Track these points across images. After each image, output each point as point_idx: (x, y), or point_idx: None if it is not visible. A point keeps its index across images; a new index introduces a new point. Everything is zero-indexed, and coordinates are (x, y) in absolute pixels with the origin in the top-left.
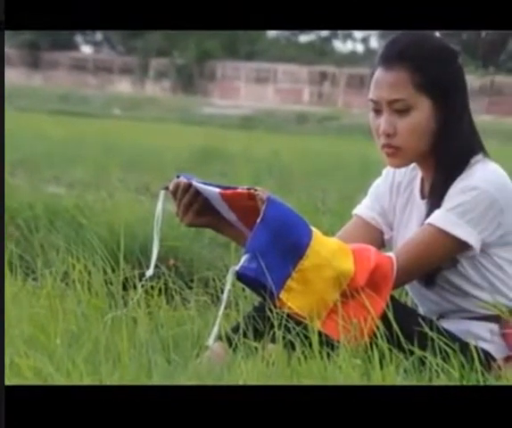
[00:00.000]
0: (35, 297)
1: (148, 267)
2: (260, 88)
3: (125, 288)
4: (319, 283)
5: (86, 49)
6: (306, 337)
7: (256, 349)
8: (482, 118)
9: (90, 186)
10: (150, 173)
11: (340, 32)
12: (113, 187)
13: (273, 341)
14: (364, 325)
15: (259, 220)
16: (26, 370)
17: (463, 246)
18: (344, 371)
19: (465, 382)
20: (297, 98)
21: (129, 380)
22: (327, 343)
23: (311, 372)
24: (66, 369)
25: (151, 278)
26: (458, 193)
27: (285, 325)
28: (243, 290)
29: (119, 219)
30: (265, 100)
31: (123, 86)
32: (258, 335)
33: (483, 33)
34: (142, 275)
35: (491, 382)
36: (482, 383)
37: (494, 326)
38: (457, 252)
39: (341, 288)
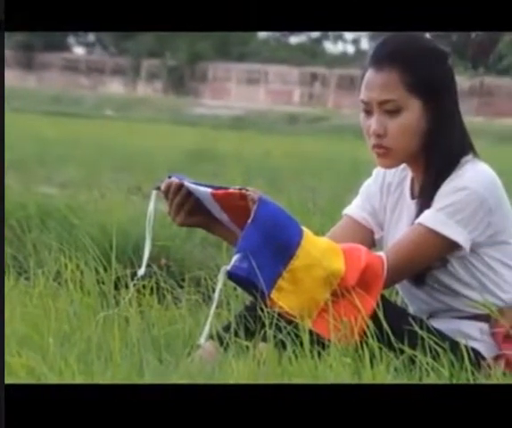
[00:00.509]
0: (27, 296)
1: (140, 267)
2: (252, 89)
3: (117, 287)
4: (310, 282)
5: (79, 50)
6: (297, 336)
7: (247, 348)
8: (471, 119)
9: (82, 186)
10: (142, 173)
11: (330, 33)
12: (105, 187)
13: (264, 340)
14: (354, 325)
15: (250, 220)
16: (19, 369)
17: (453, 246)
18: (335, 370)
19: (455, 381)
20: (288, 99)
21: (121, 378)
22: (318, 342)
23: (302, 371)
24: (58, 368)
25: (142, 278)
26: (448, 193)
27: (276, 325)
28: (235, 289)
29: (112, 219)
30: (256, 101)
31: (115, 86)
32: (249, 334)
33: (473, 34)
34: (134, 275)
35: (481, 380)
36: (472, 382)
37: (484, 325)
38: (446, 252)
39: (331, 287)
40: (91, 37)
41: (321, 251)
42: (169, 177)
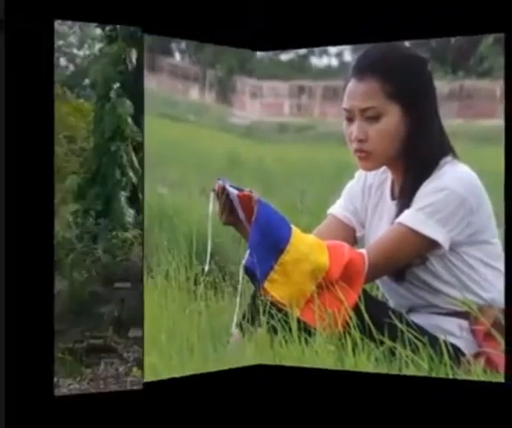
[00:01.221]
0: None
1: (205, 264)
2: (253, 102)
3: (195, 283)
4: (298, 275)
5: (177, 56)
6: (286, 323)
7: (251, 333)
8: (452, 121)
9: (179, 187)
10: (208, 175)
11: (316, 49)
12: (190, 189)
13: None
14: (338, 315)
15: (253, 219)
16: (146, 368)
17: (432, 244)
18: (320, 356)
19: (434, 375)
20: (279, 110)
21: (198, 369)
22: (305, 330)
23: (291, 355)
24: (169, 362)
25: (207, 273)
26: (427, 193)
27: (269, 312)
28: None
29: (191, 218)
30: (255, 112)
31: (194, 93)
32: (254, 320)
33: (452, 39)
34: (202, 271)
35: (460, 375)
36: (451, 377)
37: (463, 322)
38: (426, 250)
39: (317, 280)
40: (183, 43)
41: (308, 247)
42: (218, 180)
